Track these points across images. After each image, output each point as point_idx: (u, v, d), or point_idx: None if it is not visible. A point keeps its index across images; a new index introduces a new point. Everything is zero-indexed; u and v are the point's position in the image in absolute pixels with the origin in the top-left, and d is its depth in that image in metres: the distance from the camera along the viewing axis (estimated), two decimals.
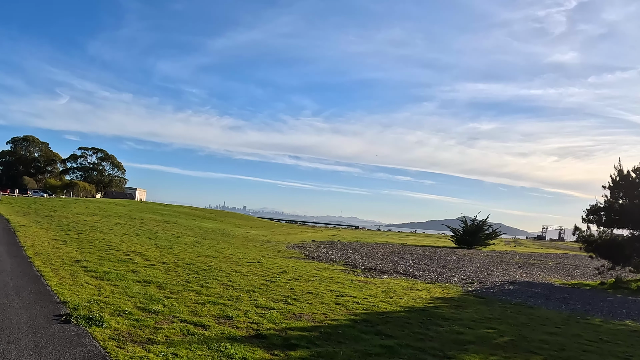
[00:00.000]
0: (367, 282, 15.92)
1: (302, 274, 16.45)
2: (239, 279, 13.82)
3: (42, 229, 22.05)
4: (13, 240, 16.55)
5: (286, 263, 20.32)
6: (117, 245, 19.17)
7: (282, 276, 15.44)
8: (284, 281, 14.27)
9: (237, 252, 23.73)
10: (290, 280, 14.66)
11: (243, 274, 15.05)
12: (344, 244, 39.52)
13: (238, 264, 18.09)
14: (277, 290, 12.50)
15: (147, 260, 15.95)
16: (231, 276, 14.30)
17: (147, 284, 11.62)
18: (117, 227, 28.87)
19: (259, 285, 13.10)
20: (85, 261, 13.98)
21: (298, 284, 13.86)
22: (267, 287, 12.75)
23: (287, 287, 13.20)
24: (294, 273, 16.57)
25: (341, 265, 21.95)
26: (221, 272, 15.02)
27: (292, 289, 12.90)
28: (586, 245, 23.78)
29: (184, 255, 18.72)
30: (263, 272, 16.03)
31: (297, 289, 12.83)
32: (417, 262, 26.58)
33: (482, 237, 54.01)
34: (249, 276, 14.75)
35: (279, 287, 13.06)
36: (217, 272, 15.06)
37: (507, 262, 31.64)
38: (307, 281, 14.78)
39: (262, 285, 13.02)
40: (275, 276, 15.25)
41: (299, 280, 14.72)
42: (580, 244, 25.34)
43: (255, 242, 33.18)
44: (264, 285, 13.18)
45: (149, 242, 22.79)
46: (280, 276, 15.40)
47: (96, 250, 16.84)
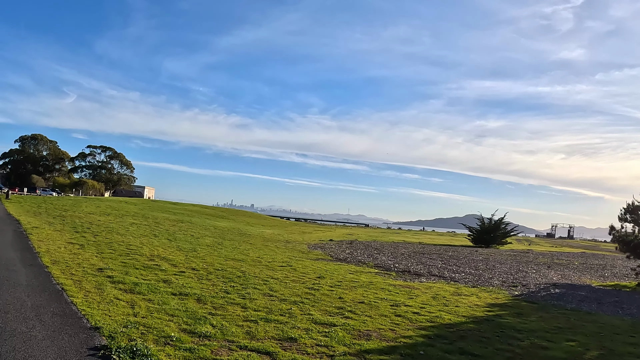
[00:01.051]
0: (410, 287, 14.56)
1: (341, 279, 14.91)
2: (279, 287, 12.29)
3: (55, 231, 20.27)
4: (26, 245, 14.77)
5: (318, 266, 18.68)
6: (138, 249, 17.39)
7: (322, 282, 13.92)
8: (327, 289, 12.76)
9: (262, 254, 21.99)
10: (333, 287, 13.17)
11: (280, 281, 13.50)
12: (364, 244, 37.87)
13: (270, 269, 16.39)
14: (326, 300, 11.07)
15: (174, 267, 14.20)
16: (269, 284, 12.76)
17: (184, 297, 9.93)
18: (133, 227, 27.10)
19: (304, 294, 11.62)
20: (108, 269, 12.20)
21: (344, 292, 12.40)
22: (313, 297, 11.30)
23: (334, 295, 11.75)
24: (331, 278, 15.02)
25: (372, 267, 20.59)
26: (257, 279, 13.39)
27: (341, 298, 11.51)
28: (622, 245, 22.84)
29: (211, 259, 16.97)
30: (300, 278, 14.51)
31: (346, 298, 11.41)
32: (447, 263, 25.25)
33: (499, 235, 52.42)
34: (288, 283, 13.22)
35: (325, 296, 11.60)
36: (252, 278, 13.44)
37: (534, 262, 30.15)
38: (351, 288, 13.30)
39: (307, 295, 11.53)
40: (315, 283, 13.73)
41: (341, 287, 13.25)
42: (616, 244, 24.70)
43: (275, 243, 31.42)
44: (309, 294, 11.68)
45: (170, 244, 21.01)
46: (320, 282, 13.89)
47: (117, 256, 15.05)
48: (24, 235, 17.56)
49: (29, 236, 17.20)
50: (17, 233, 18.09)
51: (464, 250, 39.15)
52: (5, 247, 14.04)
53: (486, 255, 33.88)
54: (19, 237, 16.69)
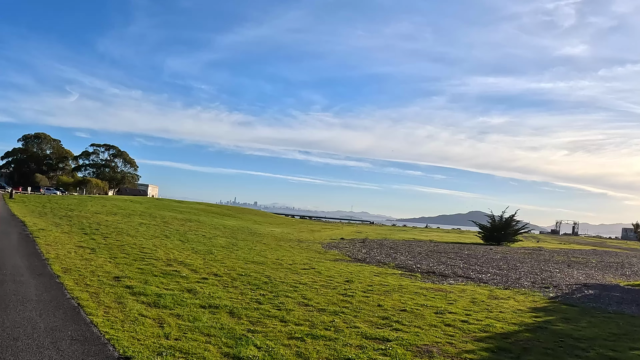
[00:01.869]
0: (443, 291, 13.54)
1: (370, 283, 13.81)
2: (311, 294, 11.15)
3: (63, 233, 18.94)
4: (33, 250, 13.45)
5: (340, 268, 17.49)
6: (152, 252, 16.09)
7: (352, 287, 12.81)
8: (361, 294, 11.65)
9: (280, 255, 20.73)
10: (366, 292, 12.09)
11: (309, 286, 12.34)
12: (377, 242, 36.66)
13: (294, 272, 15.17)
14: (366, 308, 9.99)
15: (195, 272, 12.93)
16: (300, 290, 11.60)
17: (215, 310, 8.71)
18: (142, 228, 25.78)
19: (339, 301, 10.54)
20: (126, 278, 10.90)
21: (380, 298, 11.33)
22: (351, 305, 10.22)
23: (372, 303, 10.69)
24: (360, 282, 13.90)
25: (394, 268, 19.47)
26: (285, 285, 12.22)
27: (380, 305, 10.42)
28: None
29: (231, 263, 15.69)
30: (328, 282, 13.36)
31: (385, 306, 10.40)
32: (467, 262, 24.12)
33: (510, 233, 51.22)
34: (318, 289, 12.05)
35: (362, 303, 10.53)
36: (280, 285, 12.24)
37: (552, 260, 28.95)
38: (384, 293, 12.22)
39: (343, 303, 10.45)
40: (346, 288, 12.59)
41: (375, 292, 12.17)
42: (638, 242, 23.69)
43: (288, 242, 30.14)
44: (344, 301, 10.61)
45: (184, 246, 19.71)
46: (351, 287, 12.79)
47: (132, 261, 13.75)
48: (30, 238, 16.23)
49: (36, 239, 15.87)
50: (23, 236, 16.75)
51: (478, 248, 38.05)
52: (10, 252, 12.72)
53: (502, 253, 32.77)
54: (25, 241, 15.36)
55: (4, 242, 14.68)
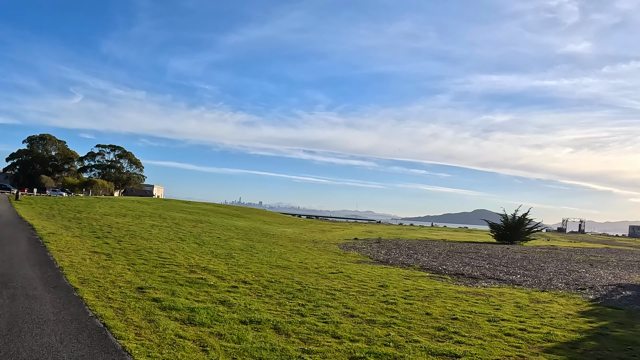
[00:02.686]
0: (482, 295, 12.62)
1: (405, 288, 12.87)
2: (352, 303, 10.16)
3: (74, 237, 17.67)
4: (45, 258, 12.18)
5: (367, 271, 16.32)
6: (172, 258, 14.84)
7: (389, 293, 11.86)
8: (402, 301, 10.73)
9: (302, 258, 19.52)
10: (406, 299, 11.18)
11: (346, 293, 11.27)
12: (392, 243, 35.46)
13: (324, 277, 14.07)
14: (415, 317, 9.13)
15: (222, 280, 11.71)
16: (338, 298, 10.55)
17: (258, 327, 7.56)
18: (155, 230, 24.53)
19: (385, 311, 9.59)
20: (150, 288, 9.65)
21: (423, 305, 10.43)
22: (398, 314, 9.32)
23: (419, 311, 9.76)
24: (394, 287, 12.91)
25: (420, 270, 18.49)
26: (320, 292, 11.13)
27: (428, 313, 9.57)
28: None
29: (255, 268, 14.46)
30: (362, 288, 12.32)
31: (433, 314, 9.58)
32: (491, 263, 23.18)
33: (523, 232, 50.05)
34: (356, 296, 10.99)
35: (409, 312, 9.63)
36: (315, 292, 11.14)
37: (573, 260, 27.87)
38: (424, 299, 11.36)
39: (389, 312, 9.49)
40: (383, 294, 11.62)
41: (415, 298, 11.31)
42: None
43: (303, 243, 28.90)
44: (390, 310, 9.65)
45: (202, 249, 18.47)
46: (388, 293, 11.86)
47: (152, 267, 12.49)
48: (40, 244, 14.95)
49: (47, 245, 14.60)
50: (32, 241, 15.47)
51: (494, 247, 36.95)
52: (20, 261, 11.46)
53: (521, 252, 31.53)
54: (34, 247, 14.08)
55: (13, 248, 13.41)
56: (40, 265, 10.95)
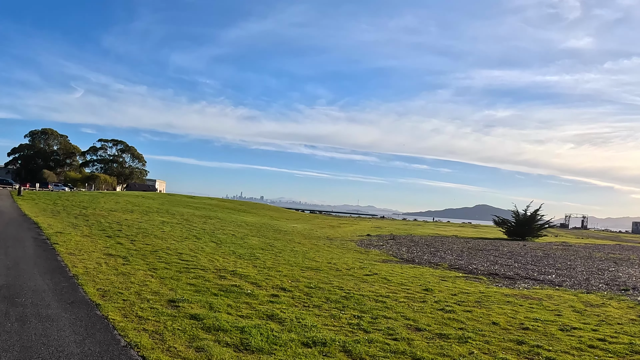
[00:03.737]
0: (531, 298, 11.61)
1: (450, 292, 11.78)
2: (408, 312, 8.96)
3: (84, 237, 16.00)
4: (56, 264, 10.27)
5: (400, 272, 14.95)
6: (194, 260, 13.24)
7: (439, 298, 10.89)
8: (459, 309, 9.56)
9: (327, 257, 18.03)
10: (459, 305, 10.01)
11: (394, 300, 10.11)
12: (408, 239, 34.06)
13: (361, 280, 12.70)
14: (486, 329, 7.95)
15: (258, 287, 10.19)
16: (390, 306, 9.42)
17: (324, 349, 6.22)
18: (167, 227, 22.90)
19: (448, 321, 8.44)
20: (183, 301, 8.05)
21: (484, 313, 9.30)
22: (464, 325, 8.18)
23: (483, 320, 8.62)
24: (438, 290, 11.81)
25: (450, 269, 17.32)
26: (368, 300, 9.83)
27: (495, 323, 8.43)
28: None
29: (286, 270, 12.93)
30: (408, 293, 11.15)
31: (500, 323, 8.45)
32: (517, 261, 22.02)
33: (534, 228, 48.80)
34: (407, 303, 9.87)
35: (473, 321, 8.52)
36: (362, 299, 9.84)
37: (594, 257, 26.56)
38: (478, 305, 10.16)
39: (453, 322, 8.38)
40: (434, 300, 10.55)
41: (467, 304, 10.15)
42: None
43: (319, 240, 27.35)
44: (453, 320, 8.51)
45: (222, 249, 16.88)
46: (437, 298, 10.88)
47: (177, 273, 10.89)
48: (48, 245, 13.24)
49: (55, 247, 12.89)
50: (39, 242, 13.75)
51: (510, 244, 35.70)
52: (28, 267, 9.76)
53: (541, 250, 30.14)
54: (42, 249, 12.36)
55: (18, 251, 11.68)
56: (51, 273, 9.29)
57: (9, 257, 10.53)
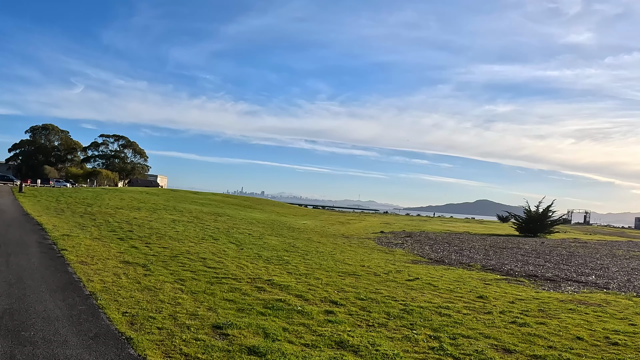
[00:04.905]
0: (587, 304, 10.45)
1: (506, 299, 10.44)
2: (480, 327, 7.73)
3: (94, 240, 14.24)
4: (67, 277, 8.47)
5: (439, 275, 13.55)
6: (220, 266, 11.57)
7: (501, 307, 9.40)
8: (531, 321, 8.27)
9: (357, 259, 16.46)
10: (526, 315, 8.77)
11: (457, 312, 8.80)
12: (424, 236, 32.56)
13: (407, 286, 11.10)
14: (576, 347, 6.83)
15: (304, 300, 8.65)
16: (459, 320, 8.10)
17: None
18: (179, 227, 21.18)
19: (530, 337, 7.24)
20: (231, 327, 6.41)
21: (559, 325, 8.09)
22: (550, 342, 7.03)
23: (564, 334, 7.51)
24: (492, 297, 10.49)
25: (484, 270, 15.99)
26: (430, 312, 8.51)
27: (580, 338, 7.31)
28: None
29: (325, 277, 11.38)
30: (464, 301, 9.89)
31: (584, 337, 7.34)
32: (549, 260, 20.57)
33: (547, 224, 47.36)
34: (472, 315, 8.58)
35: (555, 336, 7.36)
36: (423, 312, 8.51)
37: (620, 256, 25.32)
38: (543, 314, 8.96)
39: (537, 339, 7.15)
40: (497, 310, 9.18)
41: (531, 314, 8.91)
42: None
43: (337, 239, 25.71)
44: (535, 337, 7.28)
45: (244, 251, 15.20)
46: (501, 309, 9.30)
47: (208, 285, 9.22)
48: (55, 251, 11.42)
49: (64, 253, 11.10)
50: (45, 248, 11.92)
51: (527, 241, 34.34)
52: (34, 283, 7.94)
53: (562, 247, 28.68)
54: (49, 258, 10.54)
55: (22, 260, 9.78)
56: (62, 290, 7.54)
57: (10, 269, 8.76)
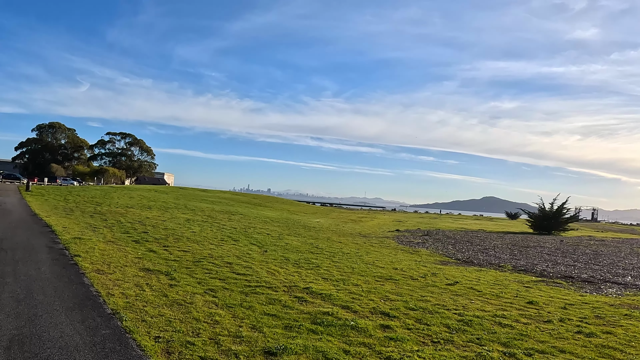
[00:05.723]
0: None
1: (557, 305, 9.46)
2: (548, 338, 6.86)
3: (107, 243, 13.02)
4: (83, 289, 7.24)
5: (475, 277, 12.40)
6: (251, 273, 10.36)
7: (559, 315, 8.44)
8: (595, 330, 7.42)
9: (385, 260, 15.28)
10: (586, 322, 7.94)
11: (514, 320, 7.87)
12: (444, 234, 31.34)
13: (450, 292, 9.96)
14: None
15: (352, 312, 7.55)
16: (524, 333, 7.17)
17: None
18: (195, 227, 19.98)
19: (603, 350, 6.37)
20: (284, 352, 5.27)
21: (625, 333, 7.28)
22: (623, 354, 6.19)
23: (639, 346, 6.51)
24: (542, 303, 9.51)
25: (516, 271, 14.88)
26: (490, 323, 7.47)
27: None
28: None
29: (362, 283, 10.29)
30: (516, 308, 8.82)
31: None
32: (577, 260, 19.49)
33: (562, 222, 46.14)
34: (531, 323, 7.77)
35: (629, 346, 6.54)
36: (483, 322, 7.50)
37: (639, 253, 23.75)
38: (602, 321, 8.09)
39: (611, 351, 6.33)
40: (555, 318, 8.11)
41: (589, 321, 8.04)
42: None
43: (355, 238, 24.50)
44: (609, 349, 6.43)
45: (268, 254, 14.00)
46: (559, 316, 8.37)
47: (242, 295, 8.02)
48: (67, 258, 10.15)
49: (77, 260, 9.84)
50: (56, 253, 10.61)
51: (545, 239, 33.11)
52: (46, 299, 6.66)
53: (584, 245, 27.51)
54: (61, 266, 9.26)
55: (31, 270, 8.46)
56: (80, 308, 6.32)
57: (19, 281, 7.54)
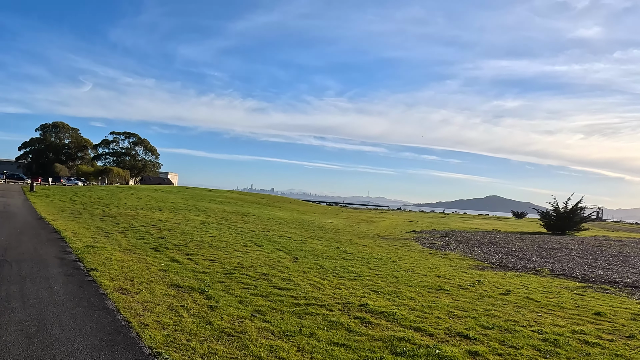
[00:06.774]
0: None
1: (622, 316, 8.24)
2: None
3: (124, 252, 11.48)
4: (109, 319, 5.64)
5: (519, 284, 10.97)
6: (293, 286, 8.90)
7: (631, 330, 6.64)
8: None
9: (423, 267, 13.78)
10: None
11: (596, 337, 6.39)
12: (463, 236, 29.89)
13: (508, 302, 8.53)
14: None
15: (427, 335, 6.20)
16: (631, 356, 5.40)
17: None
18: (213, 231, 18.51)
19: None
20: None
21: None
22: None
23: None
24: (610, 315, 8.27)
25: (556, 276, 13.84)
26: (576, 342, 6.04)
27: None
28: None
29: (415, 295, 8.92)
30: (600, 326, 7.17)
31: None
32: (610, 263, 18.16)
33: (576, 221, 44.78)
34: (615, 340, 6.27)
35: None
36: (570, 341, 6.08)
37: None
38: None
39: None
40: None
41: None
42: None
43: (375, 240, 23.09)
44: None
45: (305, 264, 12.55)
46: None
47: (296, 318, 6.59)
48: (82, 273, 8.45)
49: (94, 275, 8.24)
50: (69, 267, 8.97)
51: (564, 239, 31.62)
52: (64, 334, 5.15)
53: (607, 247, 25.99)
54: (78, 284, 7.61)
55: (42, 291, 6.89)
56: (110, 347, 4.77)
57: (28, 306, 6.01)
